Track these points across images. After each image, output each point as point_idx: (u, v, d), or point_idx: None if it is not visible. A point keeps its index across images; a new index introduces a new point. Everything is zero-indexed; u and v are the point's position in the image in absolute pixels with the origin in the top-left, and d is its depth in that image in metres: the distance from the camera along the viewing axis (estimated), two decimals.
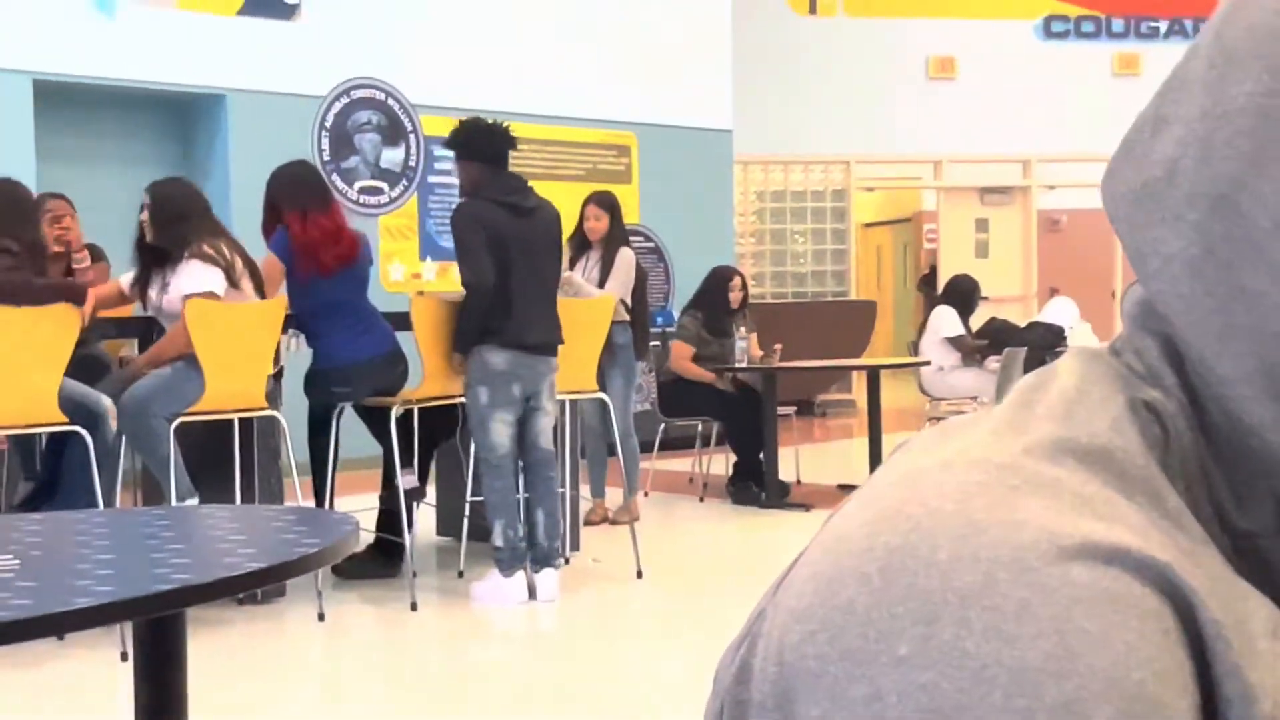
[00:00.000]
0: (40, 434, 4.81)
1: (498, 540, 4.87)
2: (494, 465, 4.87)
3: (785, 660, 0.46)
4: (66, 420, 4.34)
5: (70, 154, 8.00)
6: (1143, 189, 0.51)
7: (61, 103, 7.89)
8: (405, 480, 5.14)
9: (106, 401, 4.59)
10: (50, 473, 4.82)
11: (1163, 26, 14.29)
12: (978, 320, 8.68)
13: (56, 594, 1.74)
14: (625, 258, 6.48)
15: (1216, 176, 0.48)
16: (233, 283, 4.76)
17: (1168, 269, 0.50)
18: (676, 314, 9.05)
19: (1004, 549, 0.44)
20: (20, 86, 7.65)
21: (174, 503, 4.49)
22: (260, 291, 4.91)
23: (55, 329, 4.32)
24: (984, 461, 0.48)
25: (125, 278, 5.04)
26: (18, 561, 1.95)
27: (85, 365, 4.72)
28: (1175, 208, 0.49)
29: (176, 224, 4.75)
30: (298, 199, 5.13)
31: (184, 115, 8.69)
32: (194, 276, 4.68)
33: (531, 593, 4.93)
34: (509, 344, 4.82)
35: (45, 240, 4.63)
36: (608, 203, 6.54)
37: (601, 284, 6.35)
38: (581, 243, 6.50)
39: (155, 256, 4.81)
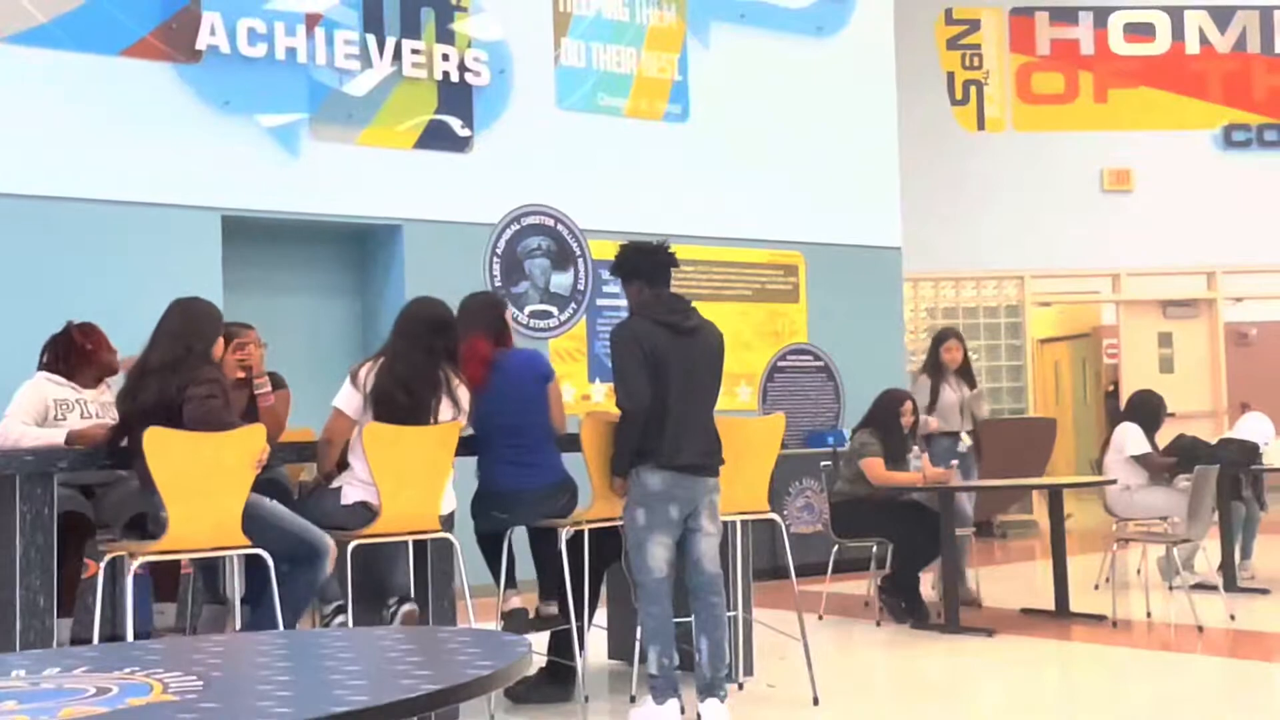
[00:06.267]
0: (223, 558, 4.89)
1: (652, 668, 4.76)
2: (649, 589, 4.79)
3: None
4: (249, 543, 4.41)
5: (254, 284, 8.31)
6: None
7: (247, 236, 8.21)
8: (510, 602, 5.07)
9: (329, 541, 4.65)
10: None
11: None
12: (1164, 437, 8.33)
13: (236, 715, 1.72)
14: None
15: None
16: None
17: None
18: (847, 433, 8.90)
19: None
20: (210, 223, 7.99)
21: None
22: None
23: (239, 453, 4.41)
24: None
25: None
26: (201, 683, 1.95)
27: (266, 489, 4.80)
28: None
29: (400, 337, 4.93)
30: (494, 325, 5.26)
31: (361, 245, 8.98)
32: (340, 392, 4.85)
33: None
34: (664, 465, 4.76)
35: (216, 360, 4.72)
36: (960, 334, 8.17)
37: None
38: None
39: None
